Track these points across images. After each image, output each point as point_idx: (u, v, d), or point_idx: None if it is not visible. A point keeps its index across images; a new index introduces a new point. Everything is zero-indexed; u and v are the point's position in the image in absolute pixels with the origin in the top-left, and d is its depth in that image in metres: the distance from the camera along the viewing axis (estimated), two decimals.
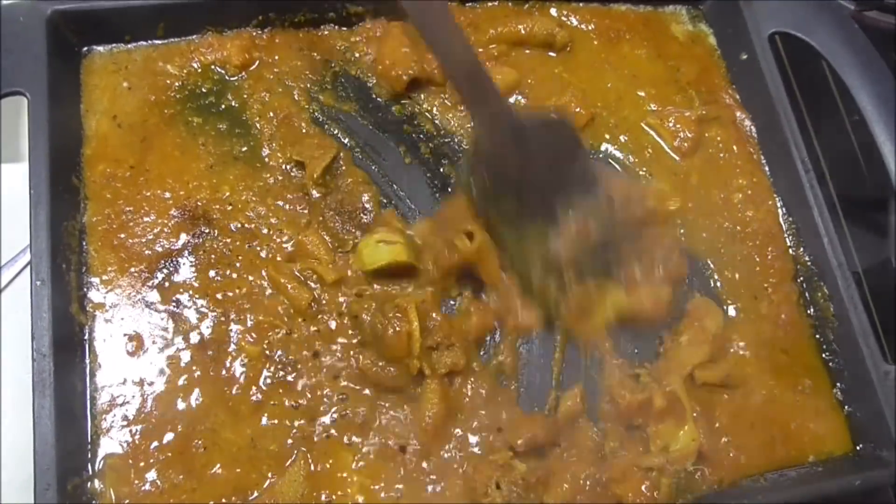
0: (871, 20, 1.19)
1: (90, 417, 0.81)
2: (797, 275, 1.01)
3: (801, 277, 1.01)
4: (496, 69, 1.02)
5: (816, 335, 0.99)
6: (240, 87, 0.98)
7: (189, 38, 0.99)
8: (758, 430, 0.91)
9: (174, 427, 0.81)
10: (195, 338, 0.85)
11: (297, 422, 0.83)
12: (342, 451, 0.83)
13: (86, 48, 0.96)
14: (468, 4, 1.07)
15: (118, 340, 0.84)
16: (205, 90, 0.97)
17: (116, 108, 0.94)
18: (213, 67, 0.98)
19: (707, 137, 1.06)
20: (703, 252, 1.00)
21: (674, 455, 0.86)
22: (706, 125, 1.07)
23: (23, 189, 0.84)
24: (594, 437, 0.87)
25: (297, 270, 0.89)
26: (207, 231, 0.90)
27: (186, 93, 0.97)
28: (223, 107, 0.97)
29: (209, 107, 0.97)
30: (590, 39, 1.10)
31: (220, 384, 0.83)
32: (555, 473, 0.83)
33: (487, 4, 1.09)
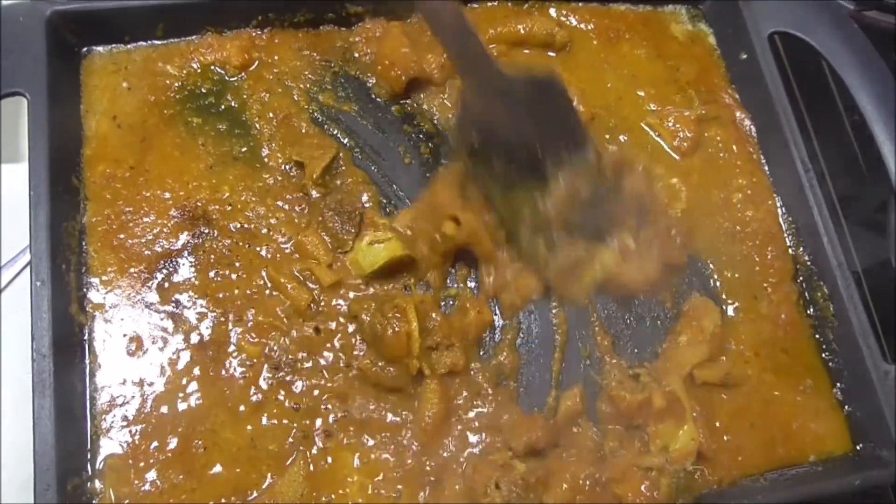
0: (871, 20, 1.19)
1: (90, 418, 0.81)
2: (797, 274, 1.01)
3: (801, 277, 1.01)
4: None
5: (816, 335, 0.99)
6: (239, 88, 0.98)
7: (189, 39, 0.99)
8: (757, 430, 0.91)
9: (174, 427, 0.81)
10: (195, 338, 0.85)
11: (297, 422, 0.83)
12: (342, 451, 0.83)
13: (85, 49, 0.96)
14: (468, 5, 1.07)
15: (118, 341, 0.84)
16: (204, 90, 0.97)
17: (116, 109, 0.94)
18: (213, 68, 0.98)
19: (707, 137, 1.06)
20: (703, 252, 1.00)
21: (673, 455, 0.86)
22: (706, 125, 1.07)
23: (23, 189, 0.84)
24: (594, 437, 0.87)
25: (297, 271, 0.89)
26: (207, 231, 0.90)
27: (186, 93, 0.97)
28: (223, 107, 0.97)
29: (209, 107, 0.97)
30: (589, 39, 1.10)
31: (220, 384, 0.83)
32: (554, 473, 0.83)
33: (487, 4, 1.09)
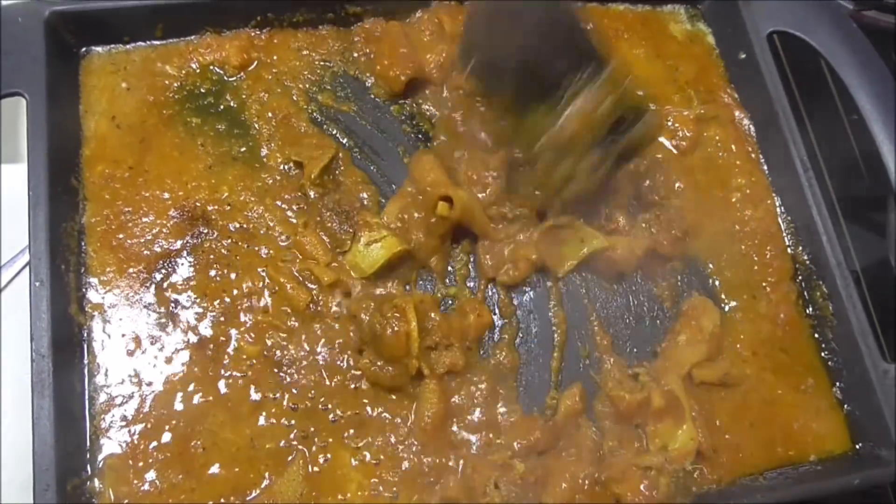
0: (871, 19, 1.19)
1: (89, 418, 0.81)
2: (796, 274, 1.01)
3: (800, 276, 1.01)
4: None
5: (815, 334, 0.99)
6: (238, 88, 0.98)
7: (188, 39, 0.99)
8: (756, 430, 0.91)
9: (173, 427, 0.81)
10: (194, 338, 0.85)
11: (296, 422, 0.83)
12: (341, 451, 0.83)
13: (84, 49, 0.96)
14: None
15: (117, 341, 0.84)
16: (203, 91, 0.97)
17: (115, 109, 0.94)
18: (212, 68, 0.98)
19: (706, 137, 1.06)
20: (702, 251, 1.00)
21: (672, 454, 0.86)
22: (705, 124, 1.07)
23: (22, 190, 0.84)
24: (593, 437, 0.87)
25: (296, 270, 0.89)
26: (206, 231, 0.90)
27: (185, 93, 0.97)
28: (222, 107, 0.97)
29: (208, 107, 0.97)
30: None
31: (219, 384, 0.83)
32: (553, 473, 0.83)
33: None
